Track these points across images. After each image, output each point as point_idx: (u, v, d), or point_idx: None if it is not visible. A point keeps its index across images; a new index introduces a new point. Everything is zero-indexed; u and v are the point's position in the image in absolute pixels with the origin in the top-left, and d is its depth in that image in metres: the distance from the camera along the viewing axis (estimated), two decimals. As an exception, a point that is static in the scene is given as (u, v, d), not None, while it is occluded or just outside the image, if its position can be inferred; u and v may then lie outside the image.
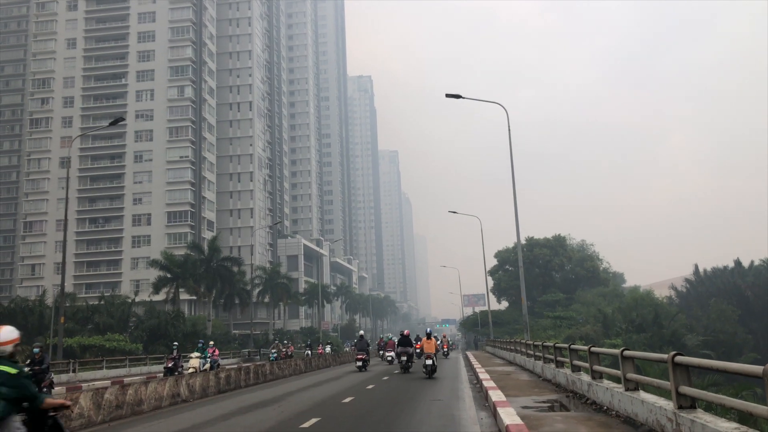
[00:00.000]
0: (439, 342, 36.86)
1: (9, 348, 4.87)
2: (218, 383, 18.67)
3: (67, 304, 43.34)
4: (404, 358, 24.83)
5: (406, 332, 26.14)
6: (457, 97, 28.06)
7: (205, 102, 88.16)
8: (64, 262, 32.40)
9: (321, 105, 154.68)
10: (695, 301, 60.60)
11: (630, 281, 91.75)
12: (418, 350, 28.11)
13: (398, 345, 26.15)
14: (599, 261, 79.36)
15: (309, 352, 47.32)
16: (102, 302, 50.55)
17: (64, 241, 32.57)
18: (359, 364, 27.63)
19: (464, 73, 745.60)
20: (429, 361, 21.55)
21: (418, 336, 38.53)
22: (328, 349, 50.81)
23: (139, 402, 13.72)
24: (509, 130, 27.40)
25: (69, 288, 65.89)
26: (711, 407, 10.12)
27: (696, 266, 68.58)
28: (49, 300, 51.50)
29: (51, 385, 17.77)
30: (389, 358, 32.18)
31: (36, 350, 16.98)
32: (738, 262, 65.14)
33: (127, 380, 22.52)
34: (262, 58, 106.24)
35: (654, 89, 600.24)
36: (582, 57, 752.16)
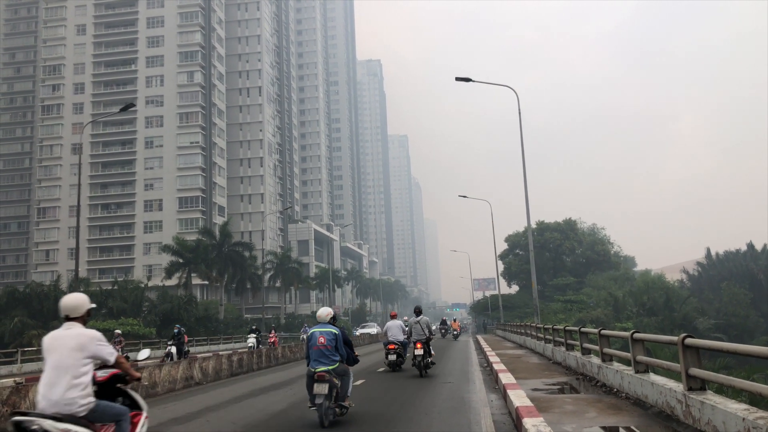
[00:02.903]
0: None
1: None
2: (231, 366, 18.89)
3: (82, 289, 43.84)
4: (443, 331, 49.43)
5: (443, 318, 53.87)
6: (467, 80, 27.77)
7: (214, 87, 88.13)
8: (77, 248, 32.72)
9: (330, 90, 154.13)
10: (707, 284, 60.37)
11: (641, 265, 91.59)
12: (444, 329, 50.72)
13: (440, 324, 51.72)
14: (610, 245, 79.08)
15: (254, 341, 33.65)
16: (115, 287, 51.04)
17: (77, 227, 32.85)
18: None
19: (474, 55, 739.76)
20: (455, 332, 47.96)
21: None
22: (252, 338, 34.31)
23: (153, 385, 13.93)
24: (519, 113, 27.19)
25: (83, 273, 66.57)
26: (722, 390, 10.14)
27: (708, 249, 68.25)
28: (64, 285, 52.08)
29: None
30: None
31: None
32: (751, 246, 64.72)
33: (141, 364, 22.80)
34: (271, 43, 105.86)
35: (664, 70, 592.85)
36: (591, 38, 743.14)
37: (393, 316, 17.81)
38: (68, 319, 4.77)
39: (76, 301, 4.83)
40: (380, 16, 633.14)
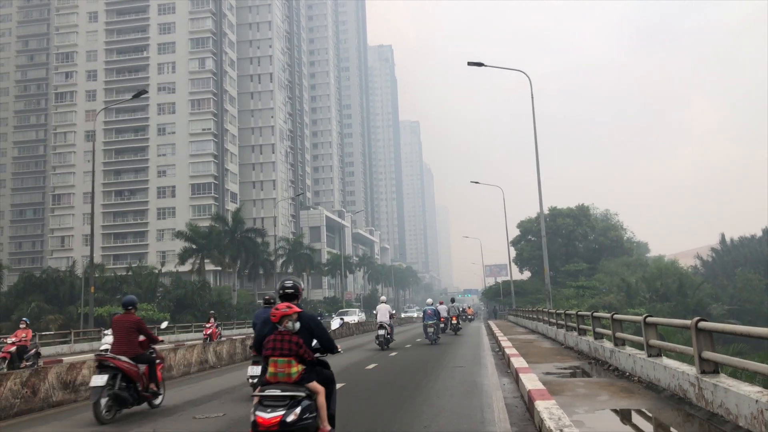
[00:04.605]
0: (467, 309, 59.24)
1: None
2: (245, 350, 19.08)
3: (97, 275, 44.36)
4: (463, 316, 49.12)
5: (462, 307, 50.53)
6: (480, 65, 27.60)
7: (226, 74, 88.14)
8: (92, 234, 33.08)
9: (341, 75, 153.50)
10: (721, 270, 59.93)
11: (654, 251, 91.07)
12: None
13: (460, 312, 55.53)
14: (623, 230, 78.42)
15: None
16: (130, 273, 51.68)
17: (92, 214, 33.20)
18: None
19: (484, 41, 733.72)
20: (470, 317, 54.60)
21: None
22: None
23: (169, 368, 14.11)
24: (532, 98, 27.02)
25: (97, 259, 67.31)
26: (735, 374, 10.12)
27: (722, 235, 67.76)
28: (79, 271, 52.72)
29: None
30: None
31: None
32: (766, 231, 64.11)
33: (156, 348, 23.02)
34: (282, 29, 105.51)
35: (675, 55, 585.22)
36: (604, 22, 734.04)
37: (441, 303, 27.71)
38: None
39: (384, 297, 23.40)
40: (391, 1, 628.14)
